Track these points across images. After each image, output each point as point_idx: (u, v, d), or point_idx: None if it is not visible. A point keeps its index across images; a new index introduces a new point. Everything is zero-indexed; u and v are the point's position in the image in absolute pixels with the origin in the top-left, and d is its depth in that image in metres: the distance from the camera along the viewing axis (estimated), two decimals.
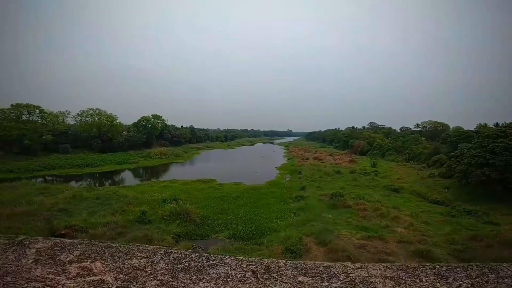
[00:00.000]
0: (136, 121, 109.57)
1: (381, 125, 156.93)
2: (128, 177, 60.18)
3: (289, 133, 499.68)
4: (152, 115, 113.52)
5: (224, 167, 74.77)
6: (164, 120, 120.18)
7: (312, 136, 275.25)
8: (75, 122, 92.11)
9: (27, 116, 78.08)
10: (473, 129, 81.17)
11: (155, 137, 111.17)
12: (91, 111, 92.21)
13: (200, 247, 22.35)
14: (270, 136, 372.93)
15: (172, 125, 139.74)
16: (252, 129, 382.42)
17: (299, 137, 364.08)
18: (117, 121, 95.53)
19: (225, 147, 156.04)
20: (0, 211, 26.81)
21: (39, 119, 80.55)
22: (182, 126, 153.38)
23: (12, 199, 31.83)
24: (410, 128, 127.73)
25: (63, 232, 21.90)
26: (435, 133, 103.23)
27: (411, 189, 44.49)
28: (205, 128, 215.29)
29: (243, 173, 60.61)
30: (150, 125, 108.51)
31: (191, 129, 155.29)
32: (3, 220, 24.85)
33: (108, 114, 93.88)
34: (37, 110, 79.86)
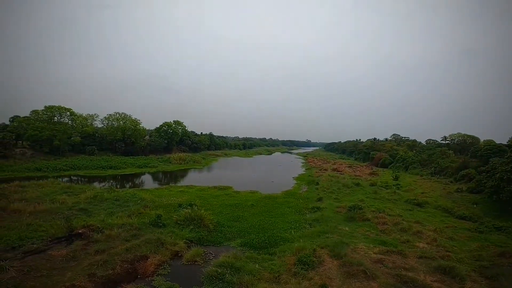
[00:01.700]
0: (158, 126, 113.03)
1: (404, 137, 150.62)
2: (147, 180, 61.69)
3: (308, 143, 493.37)
4: (173, 121, 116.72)
5: (241, 175, 75.01)
6: (185, 126, 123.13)
7: (331, 147, 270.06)
8: (102, 125, 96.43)
9: (59, 118, 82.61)
10: (506, 143, 76.30)
11: (175, 143, 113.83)
12: (117, 115, 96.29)
13: (211, 253, 22.14)
14: (288, 145, 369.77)
15: (192, 132, 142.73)
16: (271, 138, 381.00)
17: (318, 148, 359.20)
18: (140, 125, 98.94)
19: (242, 155, 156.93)
20: (24, 207, 28.24)
21: (69, 121, 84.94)
22: (201, 133, 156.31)
23: (37, 197, 33.48)
24: (436, 141, 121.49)
25: (80, 231, 22.45)
26: (463, 146, 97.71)
27: (436, 204, 41.87)
28: (224, 135, 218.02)
29: (260, 182, 60.61)
30: (171, 131, 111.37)
31: (210, 136, 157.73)
32: (25, 216, 26.09)
33: (133, 118, 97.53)
34: (68, 113, 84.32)
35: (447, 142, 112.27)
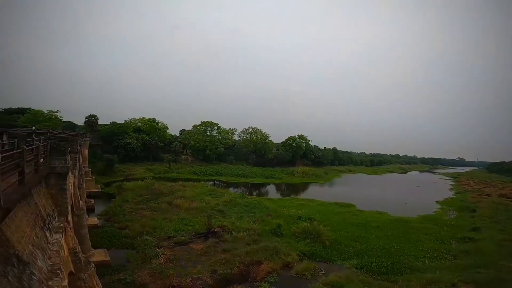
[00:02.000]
0: (284, 140, 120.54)
1: None
2: (272, 190, 66.98)
3: (459, 162, 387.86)
4: (298, 135, 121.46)
5: (367, 193, 69.82)
6: (308, 140, 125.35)
7: (497, 168, 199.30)
8: (239, 138, 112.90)
9: (210, 131, 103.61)
10: None
11: (299, 156, 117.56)
12: (250, 129, 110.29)
13: (322, 270, 21.80)
14: (430, 163, 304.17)
15: (315, 146, 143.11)
16: (406, 155, 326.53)
17: (475, 168, 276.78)
18: (269, 139, 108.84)
19: (370, 172, 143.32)
20: (182, 204, 36.76)
21: (217, 134, 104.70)
22: (324, 147, 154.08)
23: (191, 196, 42.91)
24: None
25: (216, 230, 27.00)
26: None
27: None
28: (348, 151, 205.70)
29: (389, 203, 54.64)
30: (295, 145, 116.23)
31: (334, 151, 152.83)
32: (182, 211, 33.96)
33: (263, 132, 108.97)
34: (216, 127, 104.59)
35: None
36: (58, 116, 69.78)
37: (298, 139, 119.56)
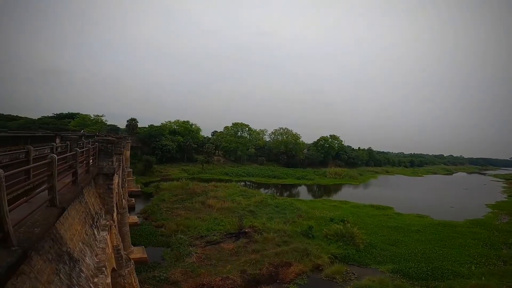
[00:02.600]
0: (315, 140, 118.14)
1: None
2: (303, 191, 66.09)
3: None
4: (330, 135, 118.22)
5: (406, 195, 66.36)
6: (341, 140, 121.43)
7: None
8: (269, 139, 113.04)
9: (241, 132, 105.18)
10: None
11: (332, 157, 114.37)
12: (281, 130, 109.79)
13: (354, 273, 21.30)
14: (479, 164, 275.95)
15: (349, 146, 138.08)
16: (451, 155, 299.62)
17: None
18: (300, 139, 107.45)
19: (409, 173, 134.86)
20: (215, 204, 37.84)
21: (247, 135, 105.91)
22: (359, 147, 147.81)
23: (224, 196, 43.98)
24: None
25: (246, 230, 27.40)
26: None
27: None
28: (385, 151, 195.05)
29: (431, 206, 51.61)
30: (327, 145, 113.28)
31: (369, 151, 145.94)
32: (214, 211, 34.97)
33: (293, 133, 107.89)
34: (246, 128, 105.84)
35: None
36: (103, 120, 76.22)
37: (330, 139, 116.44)
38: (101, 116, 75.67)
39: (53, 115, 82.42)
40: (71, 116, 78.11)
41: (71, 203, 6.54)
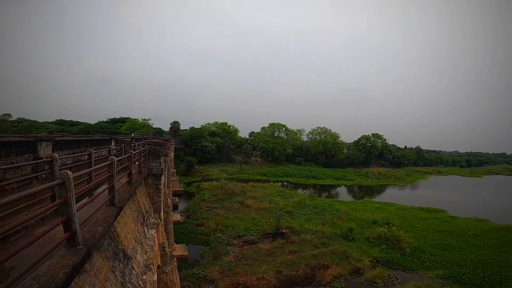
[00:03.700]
0: (356, 139, 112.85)
1: None
2: (343, 192, 63.75)
3: None
4: (372, 134, 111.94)
5: (461, 198, 61.27)
6: (385, 139, 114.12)
7: None
8: (307, 139, 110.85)
9: (278, 132, 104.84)
10: None
11: (374, 157, 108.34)
12: (319, 129, 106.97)
13: (397, 278, 20.34)
14: None
15: (393, 145, 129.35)
16: None
17: None
18: (339, 139, 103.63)
19: (465, 174, 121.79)
20: (253, 204, 38.30)
21: (285, 136, 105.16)
22: (405, 146, 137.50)
23: (261, 196, 44.36)
24: None
25: (283, 231, 27.25)
26: None
27: None
28: (436, 150, 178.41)
29: (493, 209, 47.36)
30: (369, 144, 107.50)
31: (417, 150, 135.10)
32: (252, 211, 35.37)
33: (332, 132, 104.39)
34: (283, 128, 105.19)
35: None
36: (149, 124, 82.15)
37: (372, 138, 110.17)
38: (148, 120, 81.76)
39: (107, 120, 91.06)
40: (123, 120, 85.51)
41: (127, 202, 7.07)
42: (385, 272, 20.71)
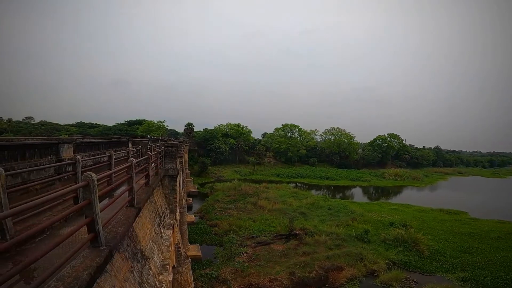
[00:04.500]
0: (371, 139, 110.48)
1: None
2: (358, 193, 62.58)
3: None
4: (388, 134, 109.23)
5: (483, 199, 59.37)
6: (402, 139, 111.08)
7: None
8: (321, 139, 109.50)
9: (291, 133, 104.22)
10: None
11: (391, 157, 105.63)
12: (333, 129, 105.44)
13: (414, 281, 19.87)
14: None
15: (411, 145, 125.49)
16: None
17: None
18: (354, 139, 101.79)
19: (488, 175, 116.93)
20: (266, 205, 38.20)
21: (298, 136, 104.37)
22: (424, 146, 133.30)
23: (274, 197, 44.19)
24: None
25: (297, 232, 27.00)
26: None
27: None
28: (456, 150, 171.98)
29: None
30: (385, 144, 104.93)
31: (436, 150, 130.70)
32: (265, 211, 35.25)
33: (347, 133, 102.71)
34: (297, 129, 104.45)
35: None
36: (164, 125, 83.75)
37: (388, 138, 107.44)
38: (163, 122, 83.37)
39: (124, 122, 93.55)
40: (139, 122, 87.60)
41: (145, 203, 7.19)
42: (401, 275, 20.31)
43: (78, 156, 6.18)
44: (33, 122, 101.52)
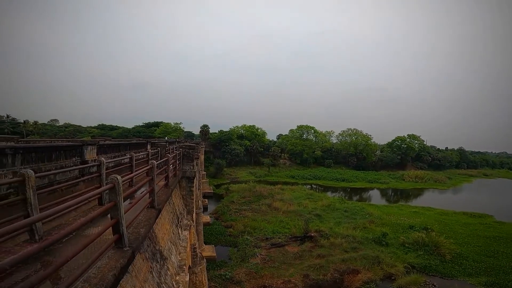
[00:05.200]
0: (390, 141, 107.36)
1: None
2: (375, 196, 61.00)
3: None
4: (408, 135, 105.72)
5: (510, 202, 56.89)
6: (422, 140, 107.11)
7: None
8: (337, 140, 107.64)
9: (306, 135, 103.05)
10: None
11: (411, 159, 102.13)
12: (349, 131, 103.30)
13: (434, 285, 19.37)
14: None
15: (433, 146, 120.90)
16: None
17: None
18: (371, 140, 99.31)
19: None
20: (281, 206, 38.00)
21: (313, 138, 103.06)
22: (446, 148, 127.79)
23: (290, 199, 43.86)
24: None
25: (312, 234, 26.63)
26: None
27: None
28: (481, 151, 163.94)
29: None
30: (405, 146, 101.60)
31: (460, 151, 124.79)
32: (280, 213, 35.04)
33: (364, 134, 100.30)
34: (312, 130, 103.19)
35: None
36: (181, 127, 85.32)
37: (408, 139, 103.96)
38: (180, 124, 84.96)
39: (143, 124, 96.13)
40: (156, 124, 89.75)
41: (164, 205, 7.30)
42: (420, 279, 19.76)
43: (102, 158, 6.39)
44: (57, 125, 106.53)
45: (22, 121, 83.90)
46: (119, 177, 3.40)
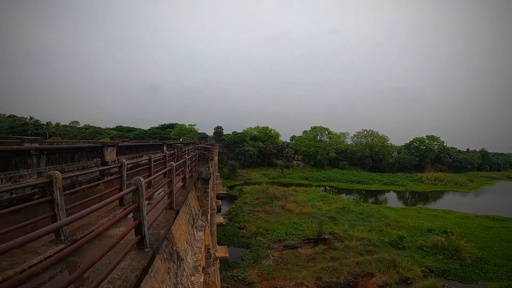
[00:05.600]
0: (407, 142, 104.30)
1: None
2: (392, 198, 59.41)
3: None
4: (426, 136, 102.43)
5: None
6: (442, 141, 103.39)
7: None
8: (352, 142, 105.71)
9: (320, 136, 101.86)
10: None
11: (430, 160, 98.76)
12: (365, 132, 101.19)
13: None
14: None
15: (453, 148, 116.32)
16: None
17: None
18: (387, 142, 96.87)
19: None
20: (294, 208, 37.72)
21: (327, 139, 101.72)
22: (467, 149, 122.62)
23: (303, 201, 43.48)
24: None
25: (325, 236, 26.26)
26: None
27: None
28: (504, 152, 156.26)
29: None
30: (423, 147, 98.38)
31: (483, 153, 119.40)
32: (293, 215, 34.79)
33: (380, 135, 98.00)
34: (326, 132, 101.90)
35: None
36: (195, 129, 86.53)
37: (427, 141, 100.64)
38: (194, 125, 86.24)
39: (158, 125, 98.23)
40: (171, 126, 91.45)
41: (182, 206, 7.41)
42: (438, 283, 19.18)
43: (123, 160, 6.57)
44: (78, 126, 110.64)
45: (45, 123, 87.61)
46: (142, 179, 3.47)
